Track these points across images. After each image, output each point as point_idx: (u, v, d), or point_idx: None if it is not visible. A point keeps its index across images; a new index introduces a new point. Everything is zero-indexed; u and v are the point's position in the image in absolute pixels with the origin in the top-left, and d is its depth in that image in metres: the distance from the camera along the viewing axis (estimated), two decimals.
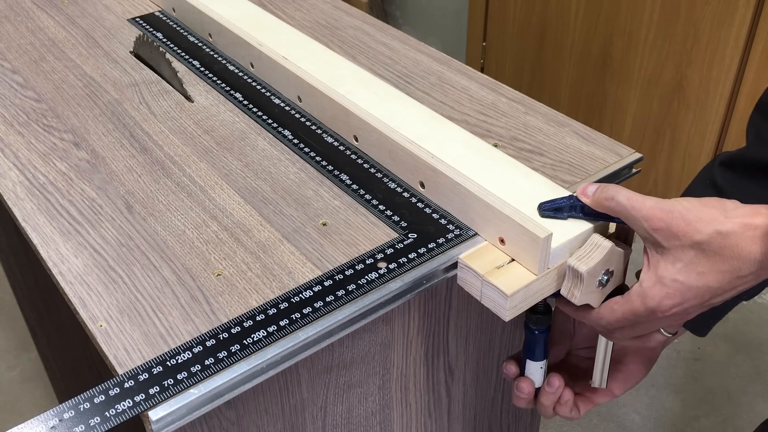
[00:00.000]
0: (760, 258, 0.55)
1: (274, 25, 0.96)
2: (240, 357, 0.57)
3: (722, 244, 0.55)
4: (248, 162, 0.79)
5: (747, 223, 0.55)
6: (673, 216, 0.57)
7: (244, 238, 0.69)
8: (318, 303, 0.61)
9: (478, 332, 0.79)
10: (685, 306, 0.58)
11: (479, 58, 2.44)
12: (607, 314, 0.62)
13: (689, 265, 0.56)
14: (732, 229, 0.55)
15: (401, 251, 0.66)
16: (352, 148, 0.80)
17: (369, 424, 0.76)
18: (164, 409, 0.54)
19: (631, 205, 0.59)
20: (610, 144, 0.81)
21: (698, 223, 0.56)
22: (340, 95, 0.80)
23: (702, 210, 0.57)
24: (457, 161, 0.70)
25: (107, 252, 0.68)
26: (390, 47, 1.00)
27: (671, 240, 0.57)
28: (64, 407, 0.53)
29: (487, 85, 0.92)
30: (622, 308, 0.61)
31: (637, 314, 0.60)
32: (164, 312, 0.62)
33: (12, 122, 0.86)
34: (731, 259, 0.56)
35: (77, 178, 0.77)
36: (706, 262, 0.56)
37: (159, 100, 0.90)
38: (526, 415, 0.95)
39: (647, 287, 0.59)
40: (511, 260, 0.65)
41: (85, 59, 0.98)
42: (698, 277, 0.56)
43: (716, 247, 0.56)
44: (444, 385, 0.80)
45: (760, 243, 0.55)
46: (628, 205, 0.59)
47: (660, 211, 0.57)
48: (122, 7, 1.12)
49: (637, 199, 0.59)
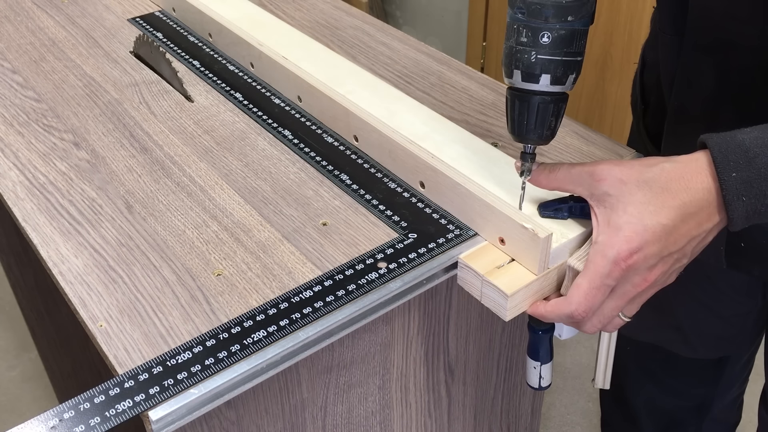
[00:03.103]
0: (707, 185, 0.56)
1: (274, 25, 0.96)
2: (240, 357, 0.57)
3: (669, 177, 0.56)
4: (248, 162, 0.79)
5: (691, 157, 0.57)
6: (615, 164, 0.58)
7: (244, 238, 0.69)
8: (318, 303, 0.61)
9: (478, 332, 0.79)
10: (645, 252, 0.56)
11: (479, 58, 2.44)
12: (575, 293, 0.58)
13: (640, 205, 0.56)
14: (676, 164, 0.56)
15: (401, 251, 0.66)
16: (352, 148, 0.80)
17: (369, 424, 0.76)
18: (164, 409, 0.54)
19: (573, 166, 0.60)
20: (610, 144, 0.81)
21: (642, 165, 0.57)
22: (340, 95, 0.80)
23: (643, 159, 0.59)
24: (457, 161, 0.70)
25: (107, 252, 0.68)
26: (390, 47, 1.00)
27: (618, 186, 0.57)
28: (64, 407, 0.53)
29: (487, 85, 0.92)
30: (586, 277, 0.58)
31: (602, 275, 0.57)
32: (164, 312, 0.62)
33: (12, 122, 0.86)
34: (680, 192, 0.56)
35: (77, 178, 0.77)
36: (655, 200, 0.56)
37: (159, 100, 0.90)
38: (526, 415, 0.95)
39: (603, 240, 0.57)
40: (511, 260, 0.65)
41: (85, 59, 0.98)
42: (650, 216, 0.55)
43: (663, 182, 0.56)
44: (444, 385, 0.80)
45: (706, 172, 0.56)
46: (571, 167, 0.60)
47: (603, 163, 0.59)
48: (122, 7, 1.12)
49: (577, 164, 0.61)
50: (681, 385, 1.06)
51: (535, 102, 0.60)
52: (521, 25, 0.58)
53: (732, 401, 1.12)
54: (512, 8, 0.58)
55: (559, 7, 0.57)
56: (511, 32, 0.59)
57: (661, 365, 1.05)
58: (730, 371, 1.04)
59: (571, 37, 0.58)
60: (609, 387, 0.73)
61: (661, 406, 1.10)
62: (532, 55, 0.58)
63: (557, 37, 0.58)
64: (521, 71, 0.59)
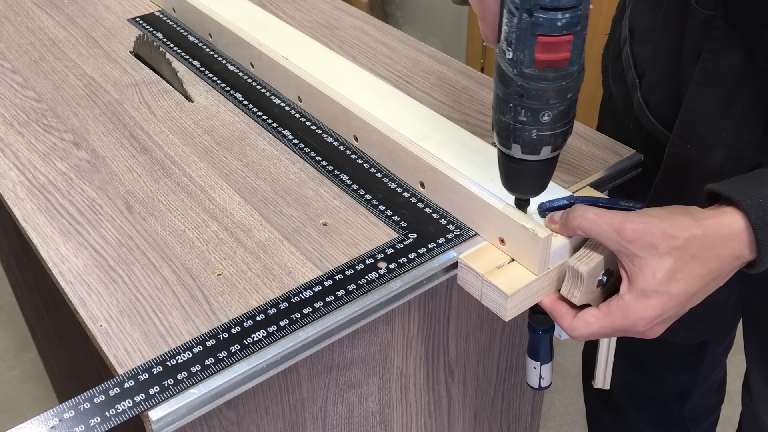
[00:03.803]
0: (738, 254, 0.56)
1: (274, 25, 0.96)
2: (240, 357, 0.57)
3: (700, 246, 0.56)
4: (248, 162, 0.79)
5: (719, 222, 0.57)
6: (645, 226, 0.57)
7: (244, 238, 0.69)
8: (318, 303, 0.61)
9: (478, 332, 0.79)
10: (665, 316, 0.58)
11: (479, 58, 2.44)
12: (582, 327, 0.60)
13: (669, 273, 0.56)
14: (707, 231, 0.57)
15: (401, 251, 0.66)
16: (352, 148, 0.80)
17: (369, 424, 0.76)
18: (164, 409, 0.54)
19: (601, 220, 0.59)
20: (610, 144, 0.81)
21: (672, 229, 0.56)
22: (340, 95, 0.80)
23: (672, 217, 0.57)
24: (457, 161, 0.70)
25: (107, 252, 0.68)
26: (390, 47, 1.00)
27: (647, 249, 0.56)
28: (64, 407, 0.53)
29: (487, 85, 0.92)
30: (600, 323, 0.59)
31: (615, 328, 0.59)
32: (164, 312, 0.62)
33: (12, 122, 0.86)
34: (710, 261, 0.57)
35: (77, 178, 0.77)
36: (684, 269, 0.56)
37: (159, 100, 0.90)
38: (526, 415, 0.96)
39: (629, 301, 0.58)
40: (511, 260, 0.65)
41: (85, 59, 0.98)
42: (677, 284, 0.56)
43: (694, 251, 0.56)
44: (444, 385, 0.80)
45: (737, 240, 0.56)
46: (598, 221, 0.59)
47: (631, 222, 0.57)
48: (122, 7, 1.12)
49: (605, 214, 0.59)
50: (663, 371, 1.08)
51: (535, 168, 0.59)
52: (518, 105, 0.55)
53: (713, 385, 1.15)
54: (506, 87, 0.55)
55: (561, 89, 0.54)
56: (505, 108, 0.56)
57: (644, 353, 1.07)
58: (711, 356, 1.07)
59: (569, 109, 0.56)
60: (609, 387, 0.73)
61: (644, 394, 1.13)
62: (533, 133, 0.56)
63: (557, 114, 0.56)
64: (521, 146, 0.58)
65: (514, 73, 0.54)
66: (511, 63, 0.54)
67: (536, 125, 0.56)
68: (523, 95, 0.55)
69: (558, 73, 0.53)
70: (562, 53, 0.52)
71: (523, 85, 0.54)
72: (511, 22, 0.52)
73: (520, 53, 0.53)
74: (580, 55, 0.53)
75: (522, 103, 0.55)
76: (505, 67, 0.55)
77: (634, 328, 0.58)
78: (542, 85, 0.54)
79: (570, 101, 0.56)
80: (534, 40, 0.52)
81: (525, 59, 0.53)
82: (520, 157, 0.58)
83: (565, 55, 0.53)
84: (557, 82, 0.54)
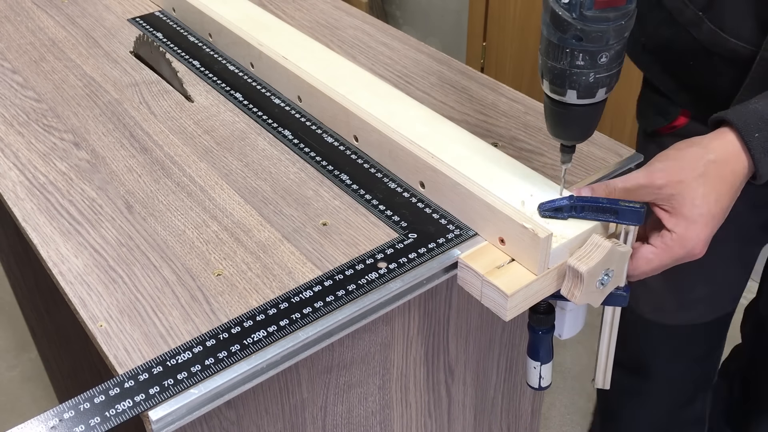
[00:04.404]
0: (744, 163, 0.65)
1: (274, 25, 0.96)
2: (240, 357, 0.57)
3: (717, 167, 0.64)
4: (248, 162, 0.79)
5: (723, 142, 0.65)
6: (668, 169, 0.64)
7: (244, 238, 0.69)
8: (318, 303, 0.61)
9: (478, 332, 0.79)
10: (712, 234, 0.65)
11: (479, 58, 2.44)
12: (643, 265, 0.65)
13: (704, 197, 0.63)
14: (717, 153, 0.64)
15: (401, 251, 0.66)
16: (352, 148, 0.80)
17: (369, 424, 0.76)
18: (164, 409, 0.54)
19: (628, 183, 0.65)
20: (610, 144, 0.81)
21: (690, 163, 0.64)
22: (340, 95, 0.80)
23: (684, 154, 0.65)
24: (457, 161, 0.70)
25: (107, 252, 0.68)
26: (390, 47, 1.00)
27: (679, 186, 0.63)
28: (64, 407, 0.53)
29: (487, 85, 0.92)
30: (660, 257, 0.65)
31: (675, 258, 0.65)
32: (164, 312, 0.62)
33: (12, 122, 0.86)
34: (729, 177, 0.64)
35: (77, 178, 0.77)
36: (715, 190, 0.64)
37: (159, 100, 0.90)
38: (526, 415, 0.96)
39: (682, 231, 0.64)
40: (511, 260, 0.65)
41: (85, 59, 0.98)
42: (715, 204, 0.64)
43: (715, 173, 0.64)
44: (444, 385, 0.80)
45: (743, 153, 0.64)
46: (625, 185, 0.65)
47: (654, 173, 0.64)
48: (122, 7, 1.12)
49: (629, 179, 0.65)
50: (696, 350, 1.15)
51: (590, 112, 0.61)
52: (576, 49, 0.56)
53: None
54: (563, 32, 0.56)
55: (620, 29, 0.55)
56: (560, 54, 0.57)
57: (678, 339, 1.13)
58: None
59: (624, 48, 0.58)
60: (609, 387, 0.73)
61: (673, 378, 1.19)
62: (591, 76, 0.57)
63: (614, 54, 0.57)
64: (577, 91, 0.59)
65: (573, 17, 0.54)
66: (568, 7, 0.54)
67: (594, 68, 0.57)
68: (583, 38, 0.55)
69: (618, 12, 0.54)
70: None
71: (583, 28, 0.55)
72: None
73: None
74: None
75: (581, 47, 0.56)
76: (561, 12, 0.55)
77: (693, 252, 0.64)
78: (603, 26, 0.54)
79: (625, 40, 0.57)
80: None
81: (586, 1, 0.54)
82: (575, 102, 0.59)
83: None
84: (617, 21, 0.55)
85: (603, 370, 0.72)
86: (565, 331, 0.70)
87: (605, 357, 0.71)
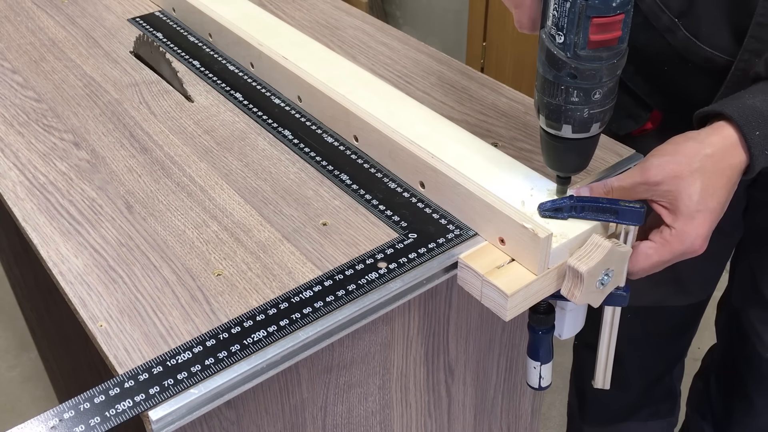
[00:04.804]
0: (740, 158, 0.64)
1: (274, 25, 0.96)
2: (240, 357, 0.57)
3: (714, 162, 0.64)
4: (248, 162, 0.79)
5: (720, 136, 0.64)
6: (663, 165, 0.63)
7: (244, 238, 0.69)
8: (318, 303, 0.61)
9: (478, 332, 0.79)
10: (711, 228, 0.64)
11: (479, 58, 2.44)
12: (642, 261, 0.65)
13: (701, 192, 0.63)
14: (714, 147, 0.64)
15: (401, 251, 0.66)
16: (352, 148, 0.80)
17: (369, 424, 0.76)
18: (164, 409, 0.54)
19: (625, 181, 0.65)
20: (610, 144, 0.81)
21: (686, 157, 0.63)
22: (340, 95, 0.80)
23: (680, 148, 0.64)
24: (457, 161, 0.70)
25: (107, 252, 0.68)
26: (390, 47, 1.00)
27: (675, 181, 0.63)
28: (64, 407, 0.53)
29: (487, 85, 0.92)
30: (659, 253, 0.65)
31: (674, 254, 0.64)
32: (164, 312, 0.62)
33: (12, 122, 0.86)
34: (726, 171, 0.64)
35: (77, 178, 0.77)
36: (711, 185, 0.63)
37: (159, 100, 0.90)
38: (526, 415, 0.96)
39: (681, 227, 0.63)
40: (511, 260, 0.65)
41: (85, 59, 0.98)
42: (711, 199, 0.63)
43: (711, 167, 0.63)
44: (444, 385, 0.80)
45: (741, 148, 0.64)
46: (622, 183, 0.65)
47: (649, 169, 0.64)
48: (122, 7, 1.12)
49: (625, 177, 0.66)
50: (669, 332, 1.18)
51: (585, 145, 0.63)
52: (571, 87, 0.58)
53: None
54: (558, 70, 0.58)
55: (612, 67, 0.57)
56: (555, 91, 0.59)
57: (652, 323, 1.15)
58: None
59: (616, 84, 0.59)
60: (609, 387, 0.73)
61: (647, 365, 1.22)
62: (585, 112, 0.59)
63: (607, 91, 0.59)
64: (572, 125, 0.60)
65: (567, 56, 0.56)
66: (563, 47, 0.56)
67: (588, 104, 0.58)
68: (577, 76, 0.57)
69: (611, 52, 0.56)
70: (615, 32, 0.55)
71: (577, 66, 0.56)
72: (562, 7, 0.54)
73: (574, 36, 0.55)
74: (628, 31, 0.56)
75: (575, 84, 0.57)
76: (556, 51, 0.57)
77: (693, 247, 0.64)
78: (596, 65, 0.56)
79: (618, 77, 0.58)
80: (588, 23, 0.54)
81: (579, 41, 0.55)
82: (570, 136, 0.61)
83: (617, 34, 0.55)
84: (609, 60, 0.56)
85: (603, 369, 0.72)
86: (565, 331, 0.70)
87: (605, 357, 0.71)
